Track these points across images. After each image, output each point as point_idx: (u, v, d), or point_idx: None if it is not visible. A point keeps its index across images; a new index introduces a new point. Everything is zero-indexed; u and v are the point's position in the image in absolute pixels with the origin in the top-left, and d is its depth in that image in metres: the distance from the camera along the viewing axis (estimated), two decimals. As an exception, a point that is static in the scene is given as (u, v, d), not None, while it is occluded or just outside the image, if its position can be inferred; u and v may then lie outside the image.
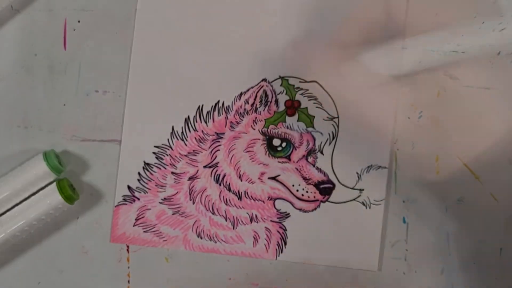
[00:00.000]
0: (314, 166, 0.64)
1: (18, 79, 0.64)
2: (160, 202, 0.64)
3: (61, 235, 0.65)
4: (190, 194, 0.64)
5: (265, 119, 0.64)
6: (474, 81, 0.63)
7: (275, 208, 0.64)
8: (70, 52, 0.64)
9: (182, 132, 0.64)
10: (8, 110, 0.64)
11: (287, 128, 0.63)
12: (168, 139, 0.64)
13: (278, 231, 0.64)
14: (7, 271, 0.65)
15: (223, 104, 0.64)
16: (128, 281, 0.65)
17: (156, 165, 0.64)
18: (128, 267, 0.65)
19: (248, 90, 0.64)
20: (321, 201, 0.64)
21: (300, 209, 0.64)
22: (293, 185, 0.64)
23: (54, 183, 0.62)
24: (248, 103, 0.64)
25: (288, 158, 0.64)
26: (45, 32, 0.64)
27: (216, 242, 0.64)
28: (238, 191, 0.64)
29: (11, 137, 0.64)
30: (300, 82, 0.63)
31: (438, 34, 0.63)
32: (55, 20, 0.64)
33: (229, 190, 0.64)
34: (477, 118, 0.63)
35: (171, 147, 0.64)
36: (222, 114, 0.64)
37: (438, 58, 0.63)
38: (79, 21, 0.64)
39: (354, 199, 0.64)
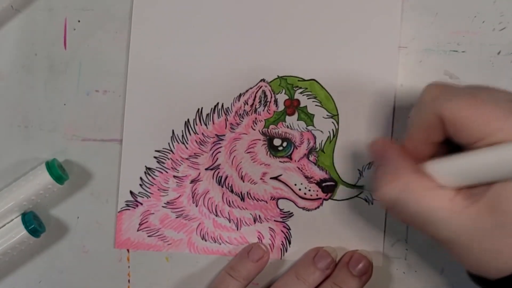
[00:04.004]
0: (315, 164, 0.61)
1: (18, 78, 0.62)
2: (163, 206, 0.62)
3: (61, 234, 0.63)
4: (193, 197, 0.62)
5: (265, 119, 0.61)
6: (474, 80, 0.60)
7: (278, 207, 0.62)
8: (70, 52, 0.62)
9: (183, 135, 0.62)
10: (8, 110, 0.62)
11: (287, 127, 0.61)
12: (168, 143, 0.62)
13: (282, 231, 0.62)
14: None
15: (222, 106, 0.62)
16: (129, 281, 0.63)
17: (158, 169, 0.62)
18: (129, 267, 0.63)
19: (247, 91, 0.62)
20: (324, 199, 0.62)
21: (303, 208, 0.62)
22: (295, 184, 0.61)
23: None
24: (247, 104, 0.62)
25: (289, 157, 0.61)
26: (45, 31, 0.62)
27: (220, 244, 0.62)
28: (241, 192, 0.62)
29: (11, 136, 0.62)
30: (298, 81, 0.61)
31: (438, 33, 0.61)
32: (55, 19, 0.62)
33: (232, 191, 0.62)
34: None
35: (172, 151, 0.62)
36: (221, 116, 0.62)
37: (438, 57, 0.61)
38: (79, 21, 0.62)
39: (356, 196, 0.62)
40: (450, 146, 0.48)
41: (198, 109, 0.61)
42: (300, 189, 0.61)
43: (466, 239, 0.45)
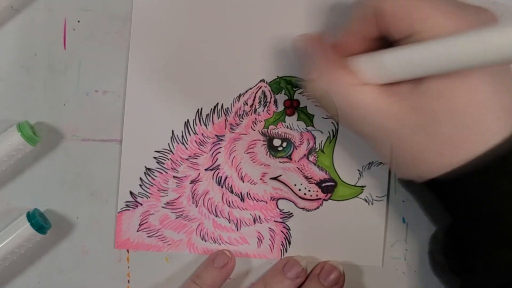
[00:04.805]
0: (315, 164, 0.61)
1: (17, 78, 0.62)
2: (163, 207, 0.62)
3: (61, 234, 0.63)
4: (192, 198, 0.62)
5: (264, 120, 0.61)
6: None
7: (278, 208, 0.62)
8: (70, 52, 0.62)
9: (182, 136, 0.62)
10: (8, 110, 0.62)
11: (287, 127, 0.61)
12: (168, 143, 0.62)
13: (282, 231, 0.62)
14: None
15: (222, 106, 0.61)
16: (128, 281, 0.63)
17: (158, 169, 0.62)
18: (128, 267, 0.63)
19: (246, 91, 0.61)
20: (324, 200, 0.61)
21: (303, 208, 0.62)
22: (295, 185, 0.61)
23: (14, 126, 0.60)
24: (247, 105, 0.61)
25: (289, 157, 0.61)
26: (45, 31, 0.62)
27: (220, 244, 0.62)
28: (241, 193, 0.62)
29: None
30: (298, 81, 0.61)
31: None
32: (55, 19, 0.62)
33: (232, 192, 0.62)
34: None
35: (171, 151, 0.62)
36: (221, 116, 0.61)
37: None
38: (79, 21, 0.62)
39: (356, 196, 0.61)
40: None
41: (198, 109, 0.61)
42: (300, 190, 0.61)
43: (389, 137, 0.46)
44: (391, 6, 0.46)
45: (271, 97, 0.61)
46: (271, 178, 0.61)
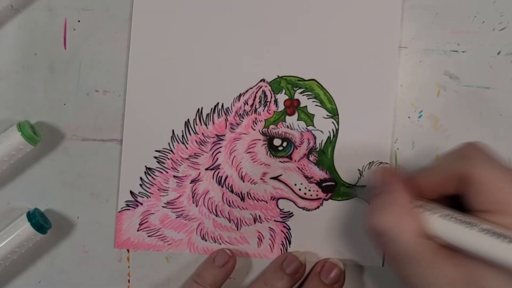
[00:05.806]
0: (315, 164, 0.61)
1: (18, 78, 0.62)
2: (163, 206, 0.62)
3: (61, 234, 0.63)
4: (193, 197, 0.62)
5: (265, 120, 0.61)
6: (474, 80, 0.60)
7: (278, 207, 0.62)
8: (70, 52, 0.62)
9: (183, 135, 0.62)
10: (8, 110, 0.62)
11: (287, 127, 0.61)
12: (169, 143, 0.62)
13: (282, 231, 0.62)
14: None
15: (222, 106, 0.61)
16: (128, 281, 0.63)
17: (158, 169, 0.62)
18: (128, 267, 0.63)
19: (247, 91, 0.61)
20: (324, 199, 0.61)
21: (303, 208, 0.62)
22: (295, 184, 0.61)
23: (15, 125, 0.59)
24: (247, 104, 0.61)
25: (290, 157, 0.61)
26: (45, 31, 0.62)
27: (220, 244, 0.62)
28: (241, 192, 0.62)
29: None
30: (298, 81, 0.61)
31: (438, 33, 0.61)
32: (55, 19, 0.62)
33: (232, 191, 0.62)
34: (477, 117, 0.61)
35: (172, 151, 0.62)
36: (222, 116, 0.61)
37: (438, 57, 0.61)
38: (79, 21, 0.62)
39: (356, 196, 0.61)
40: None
41: (198, 109, 0.61)
42: (300, 189, 0.61)
43: None
44: (482, 177, 0.46)
45: (271, 97, 0.61)
46: (271, 178, 0.61)
